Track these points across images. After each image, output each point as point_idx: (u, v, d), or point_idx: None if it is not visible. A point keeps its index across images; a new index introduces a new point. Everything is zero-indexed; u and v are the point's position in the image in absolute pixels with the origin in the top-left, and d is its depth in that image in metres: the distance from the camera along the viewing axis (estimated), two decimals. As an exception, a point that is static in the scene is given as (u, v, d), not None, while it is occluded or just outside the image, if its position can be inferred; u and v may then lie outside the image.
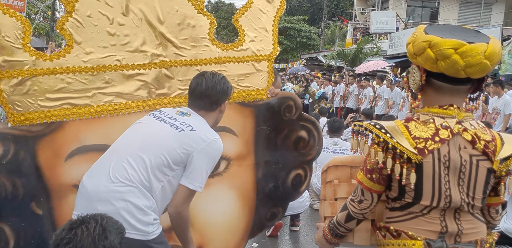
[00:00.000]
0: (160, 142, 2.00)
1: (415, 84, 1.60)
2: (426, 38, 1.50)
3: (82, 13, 2.23)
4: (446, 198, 1.52)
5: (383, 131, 1.53)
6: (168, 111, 2.19)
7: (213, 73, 2.20)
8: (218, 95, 2.15)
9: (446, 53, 1.45)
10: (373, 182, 1.60)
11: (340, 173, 1.90)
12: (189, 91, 2.19)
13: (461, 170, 1.53)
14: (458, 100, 1.58)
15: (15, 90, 2.12)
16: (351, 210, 1.66)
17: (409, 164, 1.51)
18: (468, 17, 21.42)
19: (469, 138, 1.54)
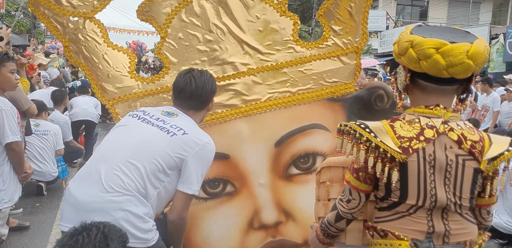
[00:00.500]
0: (153, 148, 1.94)
1: (401, 84, 1.61)
2: (409, 38, 1.52)
3: (174, 36, 2.44)
4: (431, 197, 1.52)
5: (368, 130, 1.54)
6: (152, 111, 2.12)
7: (201, 71, 2.15)
8: (208, 95, 2.12)
9: (427, 53, 1.46)
10: (359, 182, 1.59)
11: (332, 174, 1.90)
12: (176, 91, 2.12)
13: (446, 169, 1.53)
14: (445, 100, 1.57)
15: (128, 111, 2.29)
16: (340, 209, 1.65)
17: (393, 163, 1.51)
18: (457, 16, 21.60)
19: (455, 138, 1.54)
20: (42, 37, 28.90)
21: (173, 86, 2.15)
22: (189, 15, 2.43)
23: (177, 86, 2.11)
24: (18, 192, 3.26)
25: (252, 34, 2.51)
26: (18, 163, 3.13)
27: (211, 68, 2.45)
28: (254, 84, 2.54)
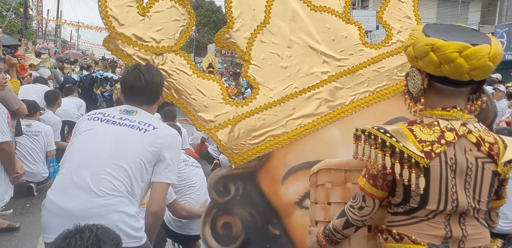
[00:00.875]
0: (133, 147, 1.98)
1: (416, 88, 1.56)
2: (428, 41, 1.46)
3: (258, 58, 2.55)
4: (453, 202, 1.48)
5: (388, 135, 1.49)
6: (110, 111, 2.13)
7: (148, 65, 2.18)
8: (158, 88, 2.16)
9: (451, 57, 1.42)
10: (376, 188, 1.55)
11: (333, 177, 1.85)
12: (127, 88, 2.13)
13: (467, 173, 1.50)
14: (460, 102, 1.55)
15: (229, 137, 2.46)
16: (350, 216, 1.60)
17: (417, 169, 1.47)
18: (446, 16, 21.77)
19: (474, 140, 1.51)
20: (34, 37, 28.67)
21: (122, 84, 2.17)
22: (267, 36, 2.58)
23: (127, 83, 2.12)
24: (10, 193, 3.25)
25: (326, 44, 2.67)
26: (9, 163, 3.11)
27: (295, 81, 2.58)
28: (336, 89, 2.66)
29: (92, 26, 35.16)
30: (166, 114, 6.15)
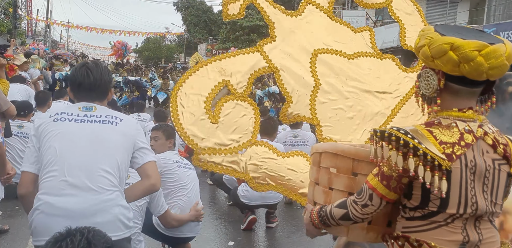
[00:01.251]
0: (113, 140, 2.08)
1: (430, 89, 1.51)
2: (447, 40, 1.43)
3: (325, 118, 2.67)
4: (472, 205, 1.45)
5: (409, 136, 1.44)
6: (70, 110, 2.15)
7: (95, 62, 2.23)
8: (107, 85, 2.21)
9: (471, 56, 1.39)
10: (389, 190, 1.49)
11: (340, 163, 1.75)
12: (75, 85, 2.16)
13: (485, 175, 1.48)
14: (474, 103, 1.53)
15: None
16: (351, 212, 1.56)
17: (440, 171, 1.42)
18: (435, 16, 21.90)
19: (490, 142, 1.50)
20: (23, 37, 28.43)
21: (71, 81, 2.20)
22: (324, 95, 2.70)
23: (75, 80, 2.15)
24: (0, 194, 3.23)
25: (375, 83, 2.83)
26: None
27: (367, 126, 2.69)
28: (404, 119, 2.78)
29: (82, 26, 35.00)
30: (157, 115, 6.15)
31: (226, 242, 4.20)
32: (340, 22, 2.94)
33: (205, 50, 36.46)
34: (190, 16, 41.62)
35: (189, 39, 43.10)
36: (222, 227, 4.61)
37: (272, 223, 4.63)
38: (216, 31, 39.20)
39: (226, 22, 32.99)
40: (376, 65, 2.88)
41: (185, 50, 43.54)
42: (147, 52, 48.37)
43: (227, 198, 5.43)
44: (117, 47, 21.01)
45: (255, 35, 30.61)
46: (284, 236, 4.42)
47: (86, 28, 34.30)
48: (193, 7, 41.58)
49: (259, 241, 4.35)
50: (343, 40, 2.89)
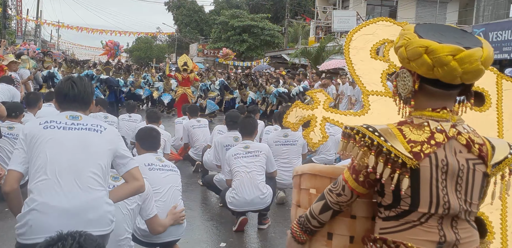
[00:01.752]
0: (99, 146, 2.30)
1: (406, 89, 1.53)
2: (422, 43, 1.42)
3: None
4: (444, 204, 1.46)
5: (377, 134, 1.46)
6: (58, 118, 2.33)
7: (80, 76, 2.47)
8: (89, 96, 2.44)
9: (444, 60, 1.39)
10: (357, 184, 1.54)
11: (318, 183, 1.80)
12: (61, 96, 2.38)
13: (458, 175, 1.48)
14: (449, 104, 1.54)
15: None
16: (328, 199, 1.59)
17: (404, 169, 1.44)
18: (425, 16, 22.10)
19: (464, 142, 1.50)
20: (13, 37, 28.18)
21: (57, 93, 2.43)
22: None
23: (61, 92, 2.38)
24: None
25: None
26: None
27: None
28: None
29: (72, 26, 34.73)
30: (150, 116, 6.11)
31: (218, 243, 4.20)
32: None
33: (196, 50, 36.38)
34: (181, 16, 41.51)
35: (180, 39, 42.99)
36: (214, 229, 4.61)
37: (264, 224, 4.63)
38: (207, 31, 39.17)
39: (217, 22, 33.01)
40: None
41: (176, 50, 43.43)
42: (138, 52, 48.20)
43: (219, 199, 5.42)
44: (109, 47, 21.00)
45: (246, 35, 30.63)
46: (276, 237, 4.43)
47: (76, 28, 34.02)
48: (184, 7, 41.48)
49: (251, 242, 4.35)
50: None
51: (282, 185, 5.33)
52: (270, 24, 31.50)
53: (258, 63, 25.84)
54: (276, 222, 4.77)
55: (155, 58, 40.38)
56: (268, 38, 30.85)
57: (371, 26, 2.56)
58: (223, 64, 30.34)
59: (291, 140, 5.43)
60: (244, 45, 30.86)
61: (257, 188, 4.38)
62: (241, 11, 33.05)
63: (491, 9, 17.14)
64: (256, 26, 30.67)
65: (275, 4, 35.88)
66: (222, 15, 32.80)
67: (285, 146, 5.40)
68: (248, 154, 4.48)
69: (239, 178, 4.39)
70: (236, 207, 4.41)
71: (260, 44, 31.03)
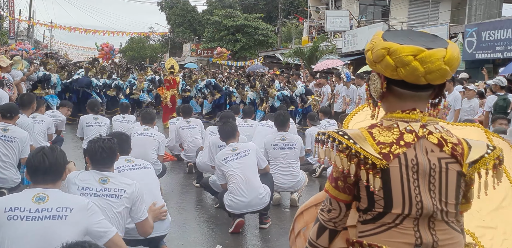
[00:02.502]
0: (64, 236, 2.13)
1: (376, 92, 1.57)
2: (384, 45, 1.47)
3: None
4: (417, 204, 1.46)
5: (346, 137, 1.50)
6: (23, 201, 2.25)
7: (51, 148, 2.42)
8: (61, 168, 2.39)
9: (406, 60, 1.43)
10: (338, 191, 1.55)
11: (306, 217, 1.85)
12: (32, 170, 2.33)
13: (430, 174, 1.48)
14: (420, 106, 1.55)
15: None
16: (321, 219, 1.60)
17: (375, 170, 1.46)
18: (417, 15, 22.19)
19: (435, 141, 1.51)
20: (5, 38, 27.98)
21: (27, 165, 2.36)
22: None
23: (31, 165, 2.34)
24: None
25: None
26: None
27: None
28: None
29: (65, 27, 34.52)
30: (144, 117, 6.07)
31: (214, 245, 4.19)
32: None
33: (189, 50, 36.28)
34: (174, 15, 41.39)
35: (174, 38, 42.86)
36: (210, 231, 4.60)
37: (265, 223, 4.63)
38: (200, 31, 39.08)
39: (210, 22, 32.93)
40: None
41: (170, 49, 43.32)
42: (131, 52, 48.00)
43: (214, 200, 5.42)
44: (105, 51, 21.37)
45: (240, 34, 30.60)
46: (273, 239, 4.42)
47: (69, 28, 33.82)
48: (177, 7, 41.36)
49: (247, 244, 4.34)
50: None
51: (281, 188, 5.34)
52: (264, 23, 31.49)
53: (252, 63, 25.81)
54: (272, 224, 4.76)
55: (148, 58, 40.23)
56: (261, 38, 30.84)
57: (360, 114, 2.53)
58: (216, 64, 30.29)
59: (289, 144, 5.42)
60: (237, 45, 30.81)
61: (254, 189, 4.38)
62: (234, 11, 33.00)
63: (483, 8, 17.25)
64: (249, 26, 30.64)
65: (268, 4, 35.88)
66: (215, 15, 32.73)
67: (284, 150, 5.39)
68: (238, 155, 4.49)
69: (234, 181, 4.38)
70: (235, 210, 4.40)
71: (253, 44, 31.01)
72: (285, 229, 4.63)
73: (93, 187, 2.83)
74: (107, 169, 2.94)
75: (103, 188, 2.83)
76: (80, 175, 2.90)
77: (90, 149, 2.90)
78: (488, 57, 12.36)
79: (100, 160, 2.89)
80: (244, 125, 6.87)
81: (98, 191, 2.81)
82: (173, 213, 5.10)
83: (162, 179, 6.11)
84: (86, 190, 2.82)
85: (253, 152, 4.55)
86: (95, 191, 2.81)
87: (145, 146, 5.61)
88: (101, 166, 2.92)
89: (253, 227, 4.68)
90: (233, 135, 4.71)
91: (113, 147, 2.93)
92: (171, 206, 5.39)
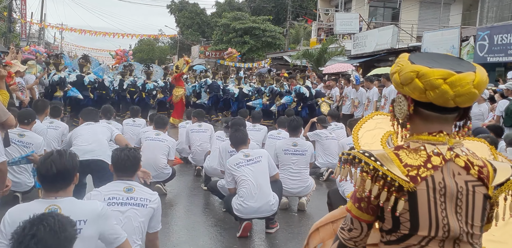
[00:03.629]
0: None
1: (402, 114, 1.57)
2: (413, 68, 1.48)
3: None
4: (444, 227, 1.46)
5: (373, 159, 1.48)
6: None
7: (59, 153, 2.38)
8: (70, 173, 2.36)
9: (435, 83, 1.44)
10: (361, 211, 1.54)
11: (322, 234, 1.83)
12: (40, 177, 2.32)
13: (457, 197, 1.48)
14: (446, 128, 1.56)
15: None
16: (341, 237, 1.59)
17: (401, 192, 1.45)
18: (428, 18, 22.04)
19: (462, 164, 1.51)
20: (17, 40, 28.35)
21: (37, 173, 2.36)
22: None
23: (40, 173, 2.33)
24: None
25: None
26: (1, 181, 3.10)
27: None
28: None
29: (76, 29, 34.81)
30: (157, 122, 6.14)
31: (222, 250, 4.20)
32: None
33: (198, 52, 36.42)
34: (184, 18, 41.59)
35: (182, 41, 43.06)
36: (218, 235, 4.60)
37: (272, 228, 4.63)
38: (209, 33, 39.24)
39: (219, 24, 33.02)
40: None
41: (178, 51, 43.50)
42: (140, 53, 48.29)
43: (222, 204, 5.43)
44: (119, 56, 22.24)
45: (248, 37, 30.66)
46: (281, 244, 4.42)
47: (79, 30, 34.10)
48: (186, 10, 41.58)
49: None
50: None
51: (289, 193, 5.36)
52: (272, 25, 31.52)
53: (259, 65, 25.86)
54: (280, 228, 4.75)
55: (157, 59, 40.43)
56: (269, 40, 30.88)
57: (369, 122, 2.52)
58: (224, 66, 30.36)
59: (301, 150, 5.43)
60: (245, 46, 30.87)
61: (265, 196, 4.39)
62: (242, 13, 33.09)
63: (496, 11, 17.07)
64: (257, 28, 30.69)
65: (276, 6, 35.91)
66: (224, 18, 32.84)
67: (294, 156, 5.40)
68: (250, 162, 4.50)
69: (246, 186, 4.39)
70: (243, 214, 4.41)
71: (261, 45, 31.06)
72: (293, 234, 4.63)
73: (119, 196, 2.84)
74: (130, 178, 2.96)
75: (129, 197, 2.85)
76: (104, 187, 2.91)
77: (116, 157, 2.92)
78: (500, 61, 12.23)
79: (124, 168, 2.92)
80: (252, 130, 6.95)
81: (125, 200, 2.83)
82: (181, 216, 5.15)
83: (171, 182, 6.16)
84: (113, 199, 2.83)
85: (265, 158, 4.57)
86: (122, 200, 2.82)
87: (154, 151, 5.69)
88: (125, 174, 2.94)
89: (260, 231, 4.68)
90: (244, 143, 4.75)
91: (138, 156, 2.97)
92: (180, 209, 5.43)
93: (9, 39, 23.21)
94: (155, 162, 5.67)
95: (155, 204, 2.90)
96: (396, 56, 6.41)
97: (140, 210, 2.83)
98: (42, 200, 2.35)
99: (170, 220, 4.95)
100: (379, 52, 17.24)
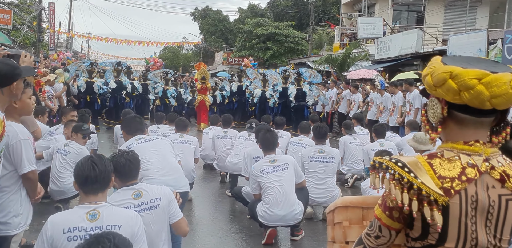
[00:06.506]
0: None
1: (435, 117, 1.52)
2: (446, 69, 1.43)
3: None
4: (472, 240, 1.43)
5: (406, 170, 1.43)
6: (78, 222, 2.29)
7: (98, 156, 2.47)
8: (109, 175, 2.44)
9: (470, 84, 1.39)
10: (392, 220, 1.50)
11: (350, 215, 1.79)
12: (82, 178, 2.35)
13: (489, 211, 1.45)
14: (482, 134, 1.50)
15: None
16: (367, 244, 1.57)
17: (436, 206, 1.40)
18: (453, 21, 21.66)
19: (498, 176, 1.46)
20: (46, 49, 29.22)
21: (76, 175, 2.39)
22: None
23: (82, 173, 2.35)
24: (31, 215, 3.32)
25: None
26: (32, 188, 3.18)
27: None
28: None
29: (102, 37, 35.64)
30: (178, 124, 6.28)
31: (248, 257, 4.20)
32: None
33: (221, 59, 36.71)
34: (207, 25, 42.04)
35: (206, 48, 43.48)
36: (243, 242, 4.61)
37: (297, 236, 4.60)
38: (232, 40, 39.50)
39: (241, 31, 33.22)
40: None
41: (202, 58, 43.92)
42: (165, 61, 48.97)
43: (247, 210, 5.44)
44: (157, 66, 26.17)
45: (271, 42, 30.74)
46: (306, 251, 4.40)
47: (106, 39, 34.92)
48: (210, 17, 42.01)
49: (281, 255, 4.33)
50: None
51: (315, 202, 5.25)
52: (294, 31, 31.55)
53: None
54: (305, 236, 4.72)
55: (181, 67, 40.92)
56: (292, 45, 30.89)
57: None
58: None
59: (328, 157, 5.31)
60: (268, 52, 30.96)
61: (291, 204, 4.35)
62: (265, 19, 33.23)
63: (523, 13, 16.67)
64: (280, 34, 30.76)
65: (299, 12, 35.93)
66: (246, 24, 33.05)
67: (321, 163, 5.29)
68: (276, 168, 4.46)
69: (272, 193, 4.36)
70: (268, 221, 4.40)
71: (284, 51, 31.09)
72: (318, 242, 4.59)
73: (130, 205, 2.82)
74: (134, 181, 2.96)
75: (140, 203, 2.86)
76: (111, 197, 2.85)
77: (117, 163, 2.84)
78: (529, 64, 11.92)
79: (129, 172, 2.91)
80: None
81: (137, 207, 2.82)
82: (207, 223, 5.17)
83: (196, 188, 6.19)
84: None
85: (292, 166, 4.51)
86: (134, 208, 2.81)
87: (185, 154, 5.70)
88: (129, 178, 2.93)
89: (285, 239, 4.66)
90: (274, 146, 4.68)
91: (137, 157, 2.99)
92: (205, 216, 5.45)
93: (38, 49, 23.90)
94: (187, 165, 5.61)
95: (166, 199, 2.89)
96: (421, 60, 6.35)
97: (154, 212, 2.85)
98: (82, 206, 2.37)
99: (196, 226, 4.98)
100: (403, 56, 17.02)
